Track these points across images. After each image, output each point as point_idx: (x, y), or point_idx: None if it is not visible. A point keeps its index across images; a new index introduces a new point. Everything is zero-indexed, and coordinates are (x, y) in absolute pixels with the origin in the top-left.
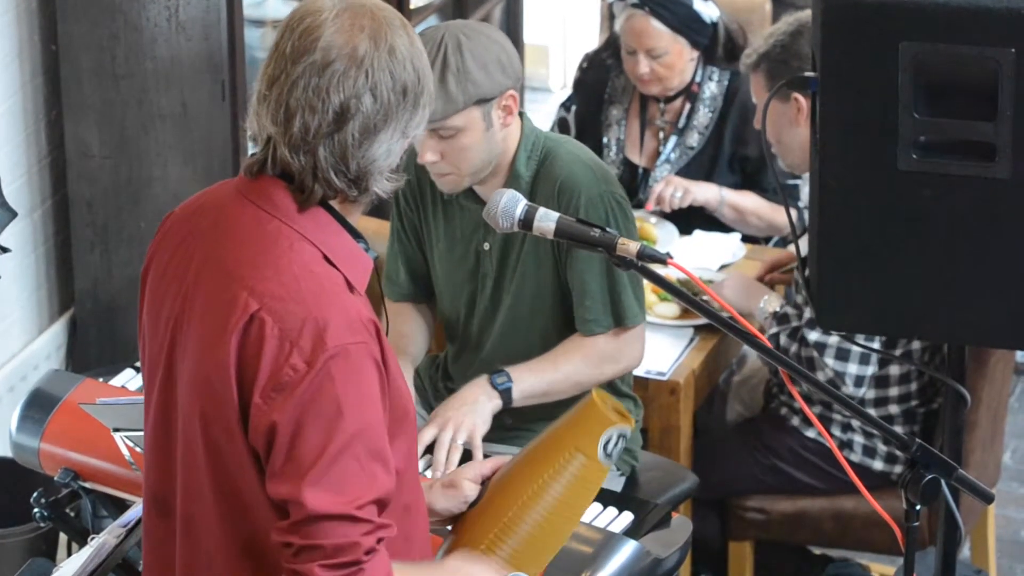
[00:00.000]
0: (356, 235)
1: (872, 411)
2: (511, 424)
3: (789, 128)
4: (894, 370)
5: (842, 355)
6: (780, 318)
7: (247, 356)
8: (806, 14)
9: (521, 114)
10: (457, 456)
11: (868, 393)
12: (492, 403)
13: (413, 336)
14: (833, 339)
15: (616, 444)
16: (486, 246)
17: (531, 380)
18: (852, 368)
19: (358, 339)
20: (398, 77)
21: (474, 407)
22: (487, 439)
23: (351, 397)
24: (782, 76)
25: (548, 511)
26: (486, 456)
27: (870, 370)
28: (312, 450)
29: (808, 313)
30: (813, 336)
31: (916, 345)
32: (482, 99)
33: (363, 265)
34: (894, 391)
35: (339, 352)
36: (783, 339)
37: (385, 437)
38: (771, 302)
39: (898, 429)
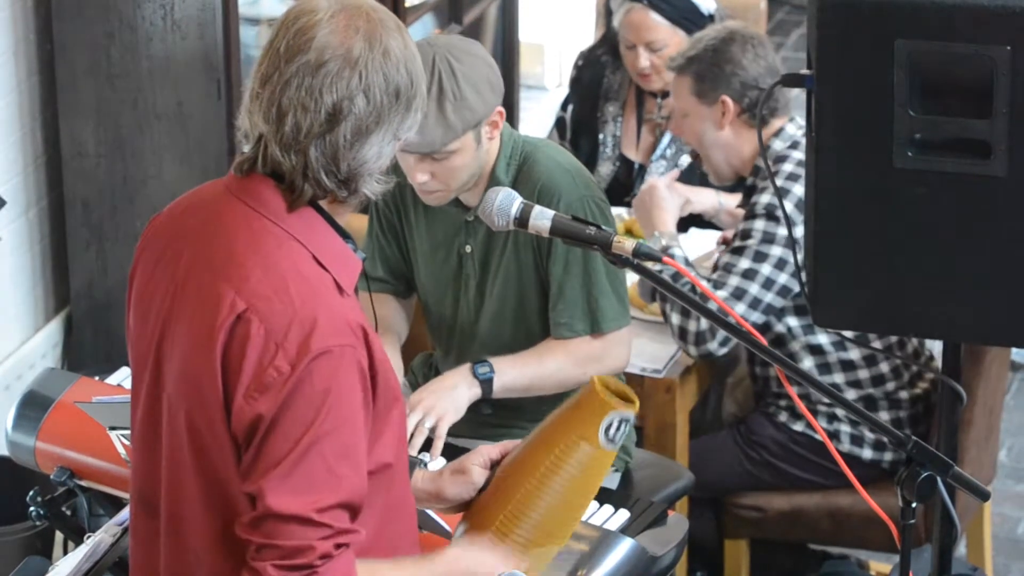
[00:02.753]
0: (345, 235)
1: (850, 394)
2: (490, 414)
3: (712, 132)
4: (855, 353)
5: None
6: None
7: (233, 356)
8: (734, 23)
9: None
10: (420, 440)
11: (837, 377)
12: (471, 391)
13: (393, 317)
14: (722, 294)
15: (618, 429)
16: (467, 248)
17: (513, 373)
18: (752, 317)
19: (343, 342)
20: (391, 79)
21: (451, 393)
22: (467, 434)
23: (329, 398)
24: (712, 80)
25: (554, 497)
26: (456, 448)
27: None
28: (280, 448)
29: (712, 278)
30: (721, 294)
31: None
32: (477, 123)
33: (352, 266)
34: (863, 373)
35: (322, 353)
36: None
37: (361, 441)
38: (659, 240)
39: (884, 416)
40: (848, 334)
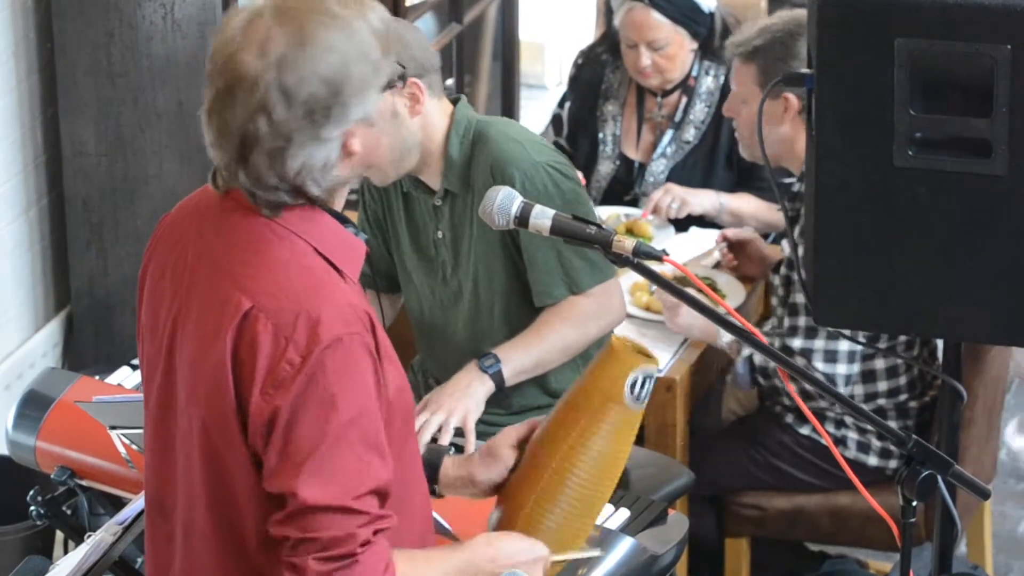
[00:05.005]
0: (343, 220)
1: (864, 406)
2: (510, 402)
3: (772, 126)
4: (879, 364)
5: (830, 357)
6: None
7: (242, 354)
8: (802, 13)
9: (456, 100)
10: (448, 437)
11: (856, 389)
12: (485, 387)
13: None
14: (819, 343)
15: (643, 386)
16: (440, 234)
17: (519, 356)
18: (842, 368)
19: (352, 329)
20: (294, 92)
21: (466, 392)
22: (494, 425)
23: (345, 387)
24: (776, 75)
25: (586, 466)
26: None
27: (856, 367)
28: (306, 442)
29: (788, 321)
30: (797, 343)
31: (900, 338)
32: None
33: (354, 251)
34: (882, 386)
35: (333, 343)
36: (758, 359)
37: (381, 426)
38: (723, 337)
39: (891, 424)
40: (881, 344)
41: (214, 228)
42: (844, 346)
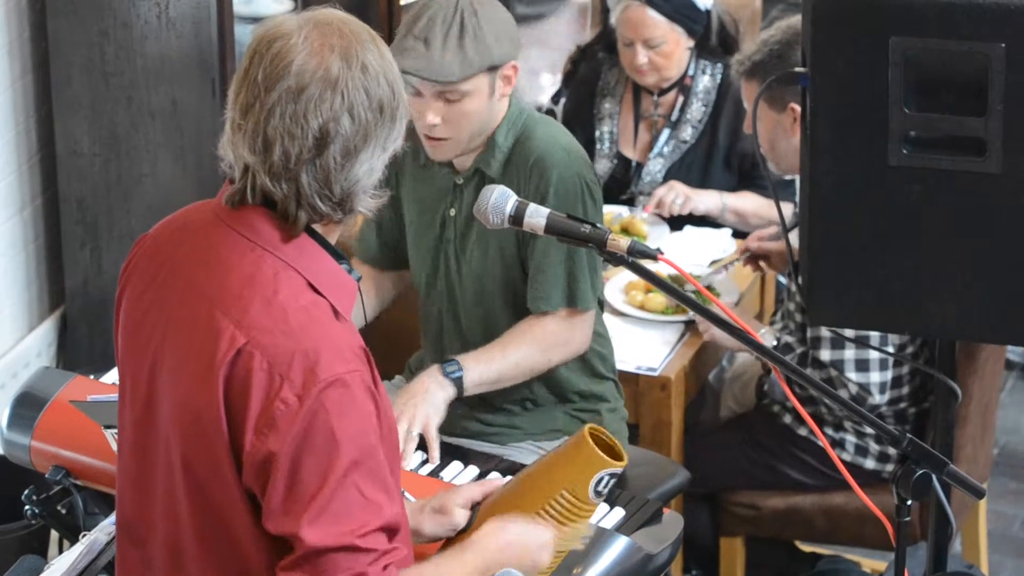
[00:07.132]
0: (339, 257)
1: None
2: (465, 412)
3: (784, 138)
4: (886, 375)
5: (862, 367)
6: (783, 349)
7: (235, 392)
8: (798, 21)
9: None
10: (413, 446)
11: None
12: (444, 392)
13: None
14: (849, 353)
15: (607, 484)
16: (452, 212)
17: (481, 368)
18: (875, 377)
19: (351, 368)
20: (373, 94)
21: (425, 397)
22: (459, 434)
23: (347, 427)
24: (777, 90)
25: None
26: (446, 446)
27: (890, 374)
28: (311, 484)
29: (811, 332)
30: (827, 355)
31: (901, 341)
32: (493, 66)
33: (348, 289)
34: (883, 397)
35: (332, 383)
36: None
37: (385, 463)
38: (766, 337)
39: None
40: (891, 348)
41: (205, 256)
42: (875, 353)
